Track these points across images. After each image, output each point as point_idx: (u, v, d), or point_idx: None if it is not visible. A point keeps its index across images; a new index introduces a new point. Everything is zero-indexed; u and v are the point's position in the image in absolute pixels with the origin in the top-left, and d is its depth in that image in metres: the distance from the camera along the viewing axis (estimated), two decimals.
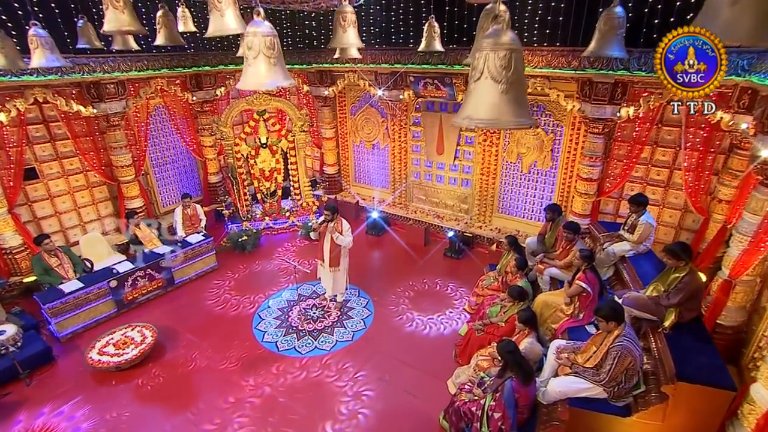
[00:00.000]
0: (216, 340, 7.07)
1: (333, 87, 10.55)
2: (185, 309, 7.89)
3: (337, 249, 7.19)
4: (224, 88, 10.59)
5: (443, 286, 8.39)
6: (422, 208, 10.74)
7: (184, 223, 9.18)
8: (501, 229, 9.60)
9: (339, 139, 11.66)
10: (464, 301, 7.88)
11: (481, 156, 9.41)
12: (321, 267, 7.56)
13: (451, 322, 7.39)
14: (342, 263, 7.35)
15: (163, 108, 10.20)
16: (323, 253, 7.35)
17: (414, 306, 7.83)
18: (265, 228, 10.31)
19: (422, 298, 8.03)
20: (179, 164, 10.85)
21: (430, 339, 7.04)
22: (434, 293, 8.18)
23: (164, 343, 7.02)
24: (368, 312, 7.72)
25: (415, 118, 10.19)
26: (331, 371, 6.39)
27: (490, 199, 9.66)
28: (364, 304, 7.94)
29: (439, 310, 7.73)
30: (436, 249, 9.62)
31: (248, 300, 8.06)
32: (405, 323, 7.42)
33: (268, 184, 10.54)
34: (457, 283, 8.43)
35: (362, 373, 6.35)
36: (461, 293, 8.13)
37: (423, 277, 8.63)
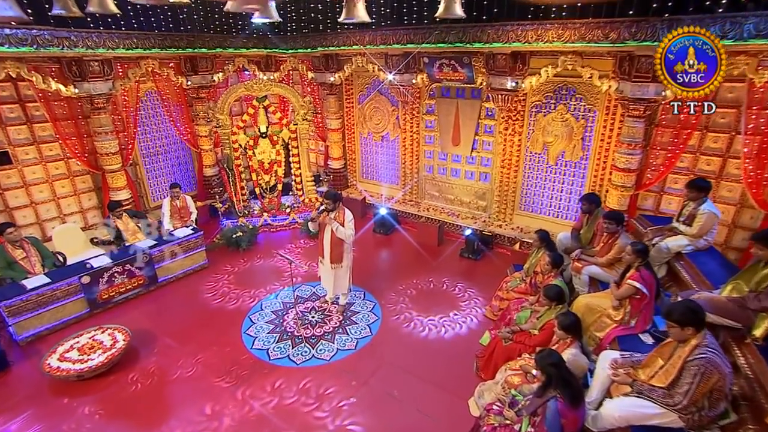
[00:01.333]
0: (198, 346, 6.07)
1: (339, 73, 9.63)
2: (167, 311, 6.90)
3: (339, 243, 6.22)
4: (222, 74, 9.72)
5: (460, 290, 7.35)
6: (435, 205, 9.74)
7: (173, 215, 8.23)
8: (523, 228, 8.56)
9: (345, 130, 10.73)
10: (482, 306, 6.83)
11: (502, 146, 8.42)
12: (321, 264, 6.57)
13: (470, 330, 6.34)
14: (345, 260, 6.36)
15: (155, 93, 9.32)
16: (323, 248, 6.38)
17: (426, 311, 6.79)
18: (263, 225, 9.34)
19: (436, 303, 6.99)
20: (172, 155, 9.94)
21: (446, 348, 6.00)
22: (450, 297, 7.14)
23: (138, 348, 6.03)
24: (375, 317, 6.69)
25: (429, 106, 9.25)
26: (330, 384, 5.36)
27: (511, 194, 8.64)
28: (370, 308, 6.91)
29: (456, 316, 6.69)
30: (451, 249, 8.59)
31: (235, 304, 7.06)
32: (416, 330, 6.38)
33: (268, 177, 9.58)
34: (476, 287, 7.39)
35: (367, 387, 5.32)
36: (481, 299, 7.08)
37: (437, 280, 7.60)
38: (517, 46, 7.14)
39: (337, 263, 6.36)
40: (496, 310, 6.55)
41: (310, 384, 5.39)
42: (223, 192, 9.77)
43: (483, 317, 6.65)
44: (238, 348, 6.06)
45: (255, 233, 8.91)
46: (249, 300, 7.10)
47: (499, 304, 6.55)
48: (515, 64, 7.53)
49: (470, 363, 5.70)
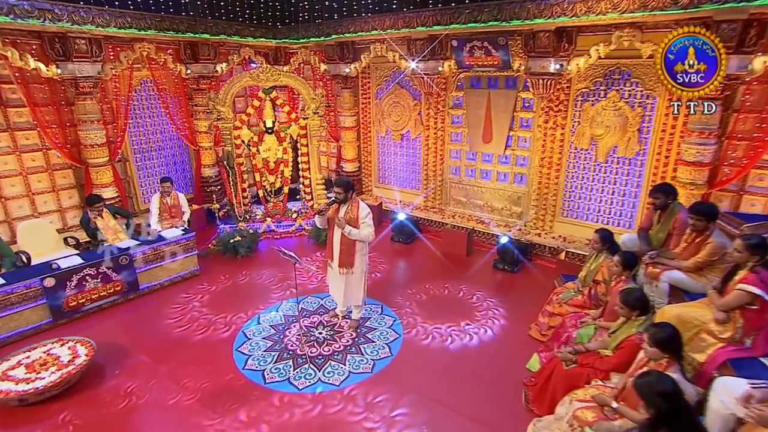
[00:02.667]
0: (179, 365, 4.97)
1: (356, 63, 8.75)
2: (147, 323, 5.82)
3: (350, 243, 5.17)
4: (226, 65, 8.88)
5: (496, 305, 6.20)
6: (462, 212, 8.65)
7: (162, 214, 7.22)
8: (566, 238, 7.43)
9: (361, 129, 9.78)
10: (524, 323, 5.66)
11: (542, 142, 7.38)
12: (330, 268, 5.50)
13: (512, 352, 5.18)
14: (357, 263, 5.29)
15: (151, 83, 8.47)
16: (332, 249, 5.32)
17: (457, 329, 5.65)
18: (265, 231, 8.31)
19: (468, 320, 5.84)
20: (167, 152, 9.03)
21: (483, 373, 4.84)
22: (483, 313, 6.00)
23: (105, 365, 4.94)
24: (395, 334, 5.55)
25: (456, 98, 8.28)
26: (339, 417, 4.22)
27: (551, 198, 7.55)
28: (389, 323, 5.78)
29: (492, 334, 5.54)
30: (483, 261, 7.46)
31: (227, 318, 5.97)
32: (445, 350, 5.24)
33: (273, 178, 8.60)
34: (516, 302, 6.24)
35: (388, 423, 4.16)
36: (522, 316, 5.91)
37: (468, 294, 6.46)
38: (562, 21, 6.21)
39: (348, 268, 5.28)
40: (545, 328, 5.39)
41: (313, 415, 4.24)
42: (222, 193, 8.77)
43: (527, 337, 5.49)
44: (227, 367, 4.94)
45: (256, 239, 7.87)
46: (243, 314, 6.01)
47: (549, 320, 5.39)
48: (560, 43, 6.57)
49: (516, 392, 4.54)
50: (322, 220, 5.30)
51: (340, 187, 5.10)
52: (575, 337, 4.58)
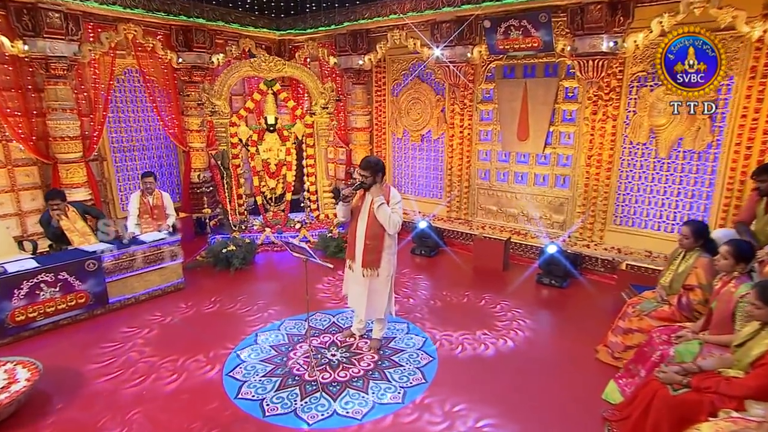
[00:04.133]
0: (150, 396, 3.96)
1: (371, 55, 8.06)
2: (115, 343, 4.82)
3: (378, 236, 4.34)
4: (223, 56, 8.20)
5: (545, 325, 5.25)
6: (493, 223, 7.77)
7: (142, 215, 6.29)
8: (621, 249, 6.51)
9: (374, 131, 9.05)
10: (590, 346, 4.69)
11: (589, 137, 6.58)
12: (350, 271, 4.58)
13: (581, 382, 4.20)
14: (384, 264, 4.43)
15: (136, 72, 7.72)
16: (354, 245, 4.45)
17: (501, 351, 4.67)
18: (264, 243, 7.40)
19: (509, 339, 4.88)
20: (152, 152, 8.21)
21: (548, 411, 3.83)
22: (531, 334, 5.03)
23: (52, 395, 3.93)
24: (427, 357, 4.57)
25: (486, 91, 7.55)
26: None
27: (601, 203, 6.68)
28: (419, 344, 4.80)
29: (554, 362, 4.56)
30: (525, 276, 6.51)
31: (215, 336, 4.99)
32: (493, 378, 4.25)
33: (274, 183, 7.76)
34: (573, 322, 5.29)
35: None
36: (587, 337, 4.95)
37: (510, 313, 5.49)
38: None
39: (373, 268, 4.41)
40: (620, 349, 4.41)
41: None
42: (214, 199, 7.87)
43: (594, 362, 4.50)
44: (215, 395, 3.94)
45: (252, 251, 6.93)
46: (236, 333, 5.04)
47: (624, 339, 4.42)
48: (614, 16, 5.86)
49: (594, 429, 3.55)
50: (346, 209, 4.43)
51: (368, 169, 4.27)
52: (673, 356, 3.62)
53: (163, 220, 6.42)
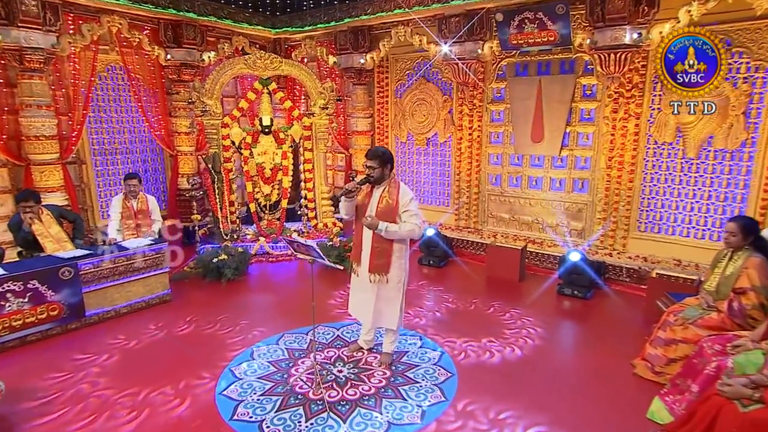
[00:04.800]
0: (132, 415, 3.58)
1: (373, 53, 7.90)
2: (91, 362, 4.42)
3: (386, 239, 4.02)
4: (215, 54, 7.98)
5: (573, 337, 4.94)
6: (505, 231, 7.50)
7: (124, 221, 5.93)
8: (647, 257, 6.24)
9: (376, 134, 8.82)
10: (624, 358, 4.37)
11: (609, 138, 6.37)
12: (355, 276, 4.26)
13: (621, 400, 3.87)
14: (394, 269, 4.11)
15: (121, 69, 7.45)
16: (360, 247, 4.15)
17: (526, 365, 4.35)
18: (258, 253, 7.07)
19: (534, 352, 4.55)
20: (136, 156, 7.89)
21: (585, 423, 3.50)
22: (559, 349, 4.73)
23: (14, 424, 3.52)
24: (446, 373, 4.22)
25: (497, 90, 7.36)
26: None
27: (624, 208, 6.43)
28: (435, 359, 4.46)
29: (587, 379, 4.23)
30: (544, 287, 6.21)
31: (207, 352, 4.62)
32: (523, 393, 3.92)
33: (268, 188, 7.45)
34: (599, 335, 4.97)
35: None
36: (614, 348, 4.63)
37: (533, 326, 5.15)
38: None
39: (381, 274, 4.09)
40: (662, 362, 4.10)
41: None
42: (203, 207, 7.50)
43: (632, 378, 4.18)
44: (207, 417, 3.56)
45: (246, 260, 6.57)
46: (231, 348, 4.67)
47: (665, 351, 4.11)
48: (637, 6, 5.71)
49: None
50: (349, 206, 4.12)
51: (375, 159, 3.98)
52: (732, 368, 3.30)
53: (148, 227, 6.07)
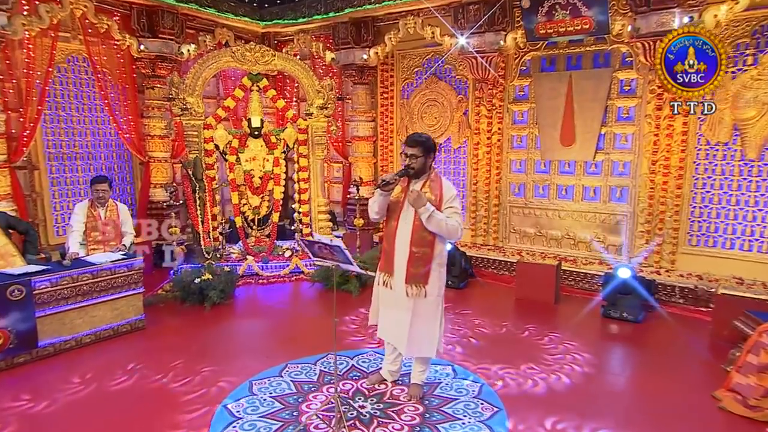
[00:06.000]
0: None
1: (377, 48, 7.65)
2: (47, 405, 3.81)
3: (427, 243, 3.63)
4: (195, 47, 7.60)
5: (632, 369, 4.50)
6: (530, 249, 7.16)
7: (89, 232, 5.35)
8: (703, 276, 5.87)
9: (379, 140, 8.54)
10: (700, 388, 3.94)
11: (652, 139, 6.14)
12: (385, 289, 3.82)
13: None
14: (434, 280, 3.72)
15: (85, 60, 6.95)
16: (393, 253, 3.72)
17: (594, 397, 3.90)
18: (246, 274, 6.57)
19: (606, 385, 4.11)
20: (100, 162, 7.33)
21: None
22: (616, 378, 4.31)
23: None
24: (491, 408, 3.73)
25: (519, 89, 7.14)
26: None
27: (671, 219, 6.13)
28: (474, 391, 3.97)
29: (660, 416, 3.78)
30: (586, 310, 5.81)
31: (196, 388, 4.05)
32: (587, 427, 3.45)
33: (257, 200, 7.03)
34: (666, 365, 4.55)
35: None
36: (688, 379, 4.22)
37: (579, 354, 4.69)
38: None
39: (419, 286, 3.66)
40: (758, 393, 3.67)
41: None
42: (178, 217, 6.93)
43: (717, 413, 3.73)
44: None
45: (233, 282, 6.03)
46: (225, 381, 4.11)
47: (759, 380, 3.69)
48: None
49: None
50: (383, 202, 3.72)
51: (416, 146, 3.62)
52: None
53: (118, 239, 5.50)
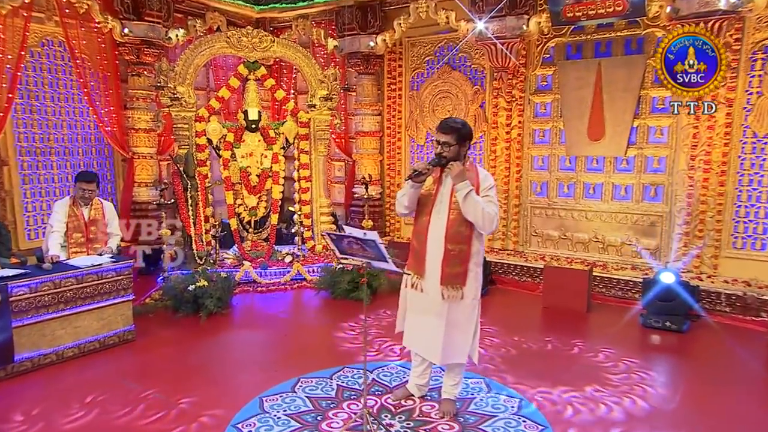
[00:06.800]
0: None
1: (386, 34, 7.54)
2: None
3: (463, 239, 3.48)
4: (184, 32, 7.38)
5: (690, 387, 4.29)
6: (554, 253, 7.04)
7: (71, 233, 5.05)
8: (751, 282, 5.71)
9: (386, 136, 8.51)
10: None
11: (691, 132, 6.02)
12: (414, 293, 3.62)
13: None
14: (471, 279, 3.55)
15: (61, 45, 6.74)
16: (424, 252, 3.53)
17: (646, 416, 3.73)
18: (243, 281, 6.34)
19: (657, 403, 3.94)
20: (77, 159, 7.08)
21: None
22: (687, 399, 4.11)
23: None
24: (535, 426, 3.50)
25: (542, 78, 7.06)
26: None
27: (712, 221, 5.99)
28: (514, 407, 3.76)
29: None
30: (622, 320, 5.63)
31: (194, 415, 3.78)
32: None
33: (254, 200, 6.87)
34: (726, 382, 4.34)
35: None
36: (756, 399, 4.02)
37: (624, 368, 4.49)
38: None
39: (456, 287, 3.49)
40: None
41: None
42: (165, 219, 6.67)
43: None
44: None
45: (230, 289, 5.77)
46: (233, 400, 3.85)
47: None
48: None
49: None
50: (414, 195, 3.53)
51: (450, 133, 3.45)
52: None
53: (103, 242, 5.20)
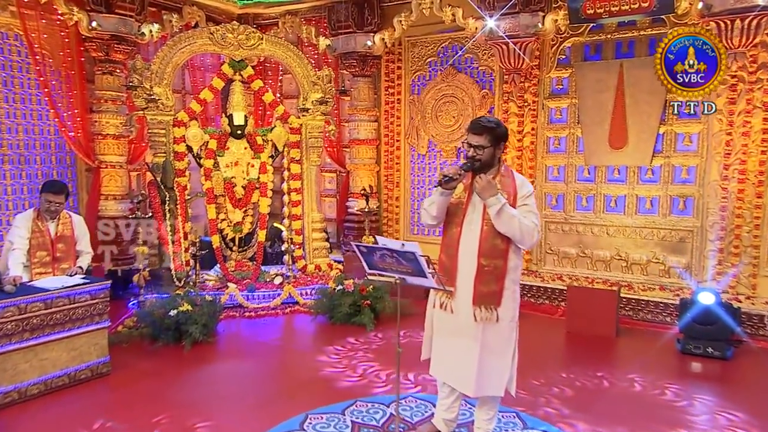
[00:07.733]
0: None
1: (384, 33, 7.54)
2: None
3: (499, 254, 3.30)
4: (159, 28, 7.25)
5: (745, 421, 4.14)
6: (571, 273, 7.04)
7: (35, 251, 4.72)
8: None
9: (383, 144, 8.56)
10: None
11: (724, 139, 6.06)
12: (443, 314, 3.40)
13: None
14: (508, 299, 3.34)
15: (18, 38, 6.57)
16: (455, 268, 3.33)
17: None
18: (228, 305, 6.08)
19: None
20: (35, 168, 6.87)
21: None
22: None
23: None
24: None
25: (557, 81, 7.14)
26: None
27: (749, 236, 5.99)
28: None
29: None
30: (658, 344, 5.60)
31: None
32: None
33: (239, 215, 6.71)
34: None
35: None
36: None
37: (729, 412, 4.33)
38: None
39: (491, 308, 3.28)
40: None
41: None
42: None
43: None
44: None
45: (216, 314, 5.47)
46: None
47: None
48: None
49: None
50: (443, 202, 3.30)
51: (483, 134, 3.24)
52: None
53: (71, 261, 4.88)
